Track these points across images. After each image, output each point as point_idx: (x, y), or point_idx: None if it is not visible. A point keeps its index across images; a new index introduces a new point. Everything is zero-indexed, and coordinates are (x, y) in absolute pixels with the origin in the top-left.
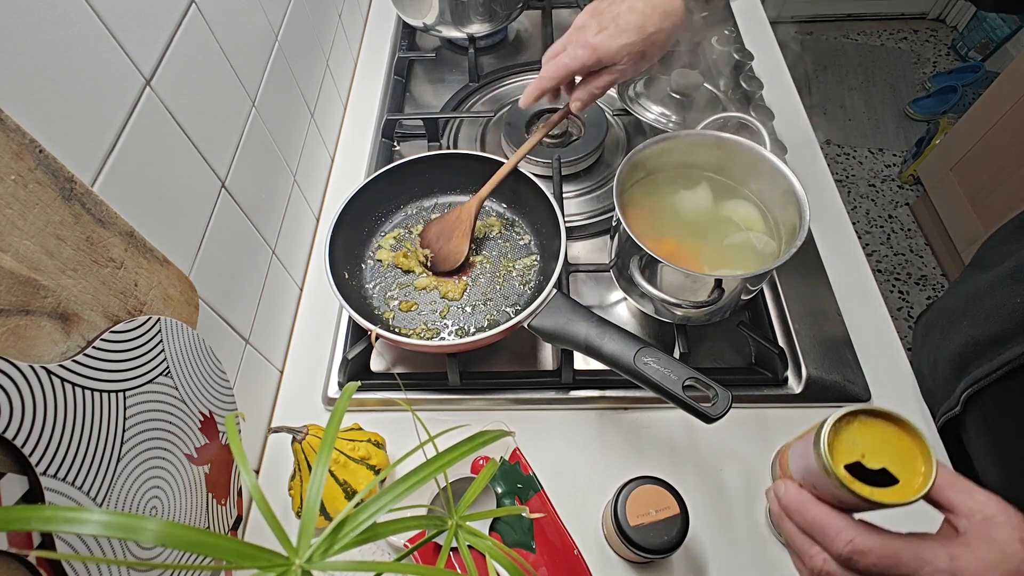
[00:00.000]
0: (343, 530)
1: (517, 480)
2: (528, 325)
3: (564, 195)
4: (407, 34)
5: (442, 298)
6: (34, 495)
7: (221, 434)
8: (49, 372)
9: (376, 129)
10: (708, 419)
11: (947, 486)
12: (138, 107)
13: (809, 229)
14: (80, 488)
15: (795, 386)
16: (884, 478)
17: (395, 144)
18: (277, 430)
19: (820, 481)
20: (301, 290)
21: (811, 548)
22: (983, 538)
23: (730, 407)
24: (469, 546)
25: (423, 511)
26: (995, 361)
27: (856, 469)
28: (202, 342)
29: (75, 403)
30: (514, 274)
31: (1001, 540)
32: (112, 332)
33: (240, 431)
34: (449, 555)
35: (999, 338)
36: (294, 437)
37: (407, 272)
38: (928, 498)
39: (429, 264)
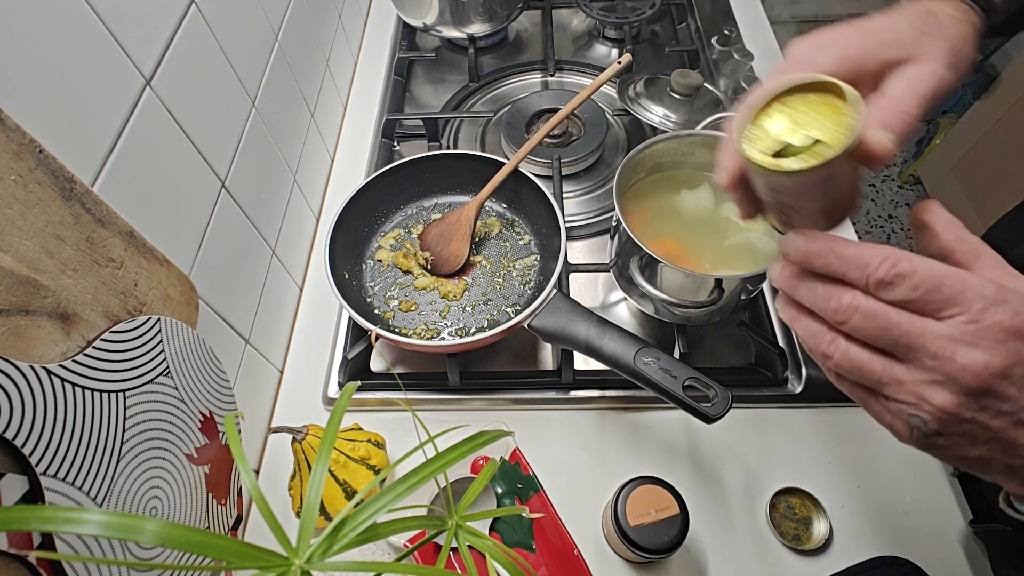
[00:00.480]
0: (343, 530)
1: (517, 480)
2: (528, 325)
3: (564, 195)
4: (407, 34)
5: (442, 298)
6: (34, 495)
7: (221, 434)
8: (49, 372)
9: (376, 129)
10: (708, 419)
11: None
12: (138, 107)
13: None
14: (80, 488)
15: (795, 386)
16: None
17: (395, 144)
18: (277, 430)
19: (758, 184)
20: (301, 290)
21: (839, 290)
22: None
23: (730, 407)
24: (469, 546)
25: (423, 511)
26: None
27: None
28: (202, 342)
29: (75, 403)
30: (514, 274)
31: None
32: (112, 332)
33: (240, 431)
34: (449, 555)
35: None
36: (294, 437)
37: (407, 272)
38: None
39: (429, 267)
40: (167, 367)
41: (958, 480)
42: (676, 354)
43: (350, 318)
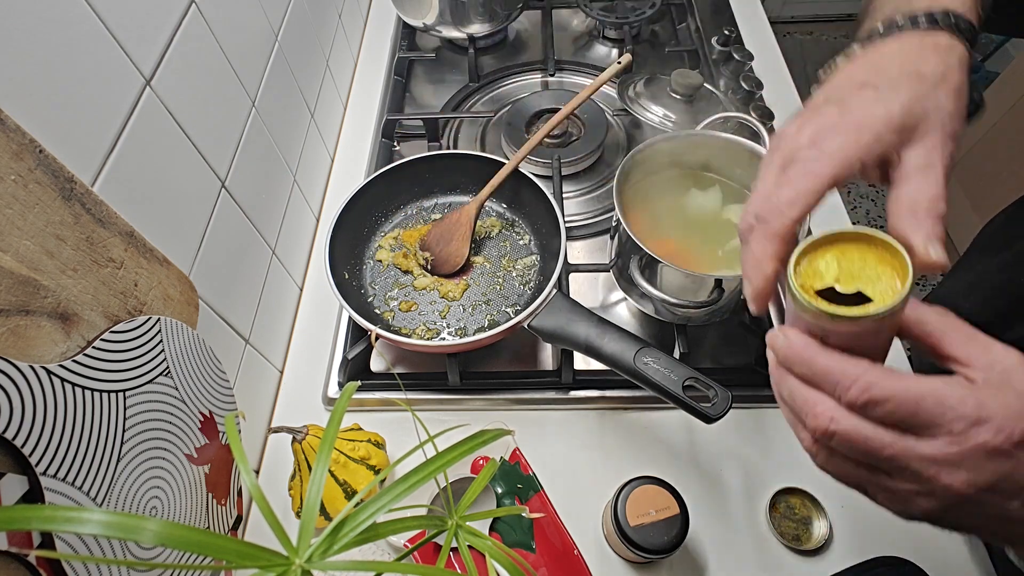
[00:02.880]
0: (343, 530)
1: (517, 480)
2: (528, 325)
3: (564, 195)
4: (407, 34)
5: (442, 298)
6: (34, 495)
7: (221, 434)
8: (49, 372)
9: (376, 129)
10: (708, 419)
11: (965, 340)
12: (138, 107)
13: (809, 229)
14: (80, 488)
15: None
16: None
17: (395, 144)
18: (277, 430)
19: (794, 316)
20: (301, 290)
21: (816, 403)
22: (1007, 386)
23: (730, 407)
24: (469, 546)
25: (423, 511)
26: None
27: (831, 296)
28: (202, 342)
29: (75, 403)
30: (514, 274)
31: None
32: (112, 332)
33: (240, 431)
34: (449, 555)
35: (1004, 318)
36: (294, 437)
37: (407, 272)
38: (944, 355)
39: (429, 267)
40: (167, 367)
41: None
42: (676, 354)
43: (350, 318)
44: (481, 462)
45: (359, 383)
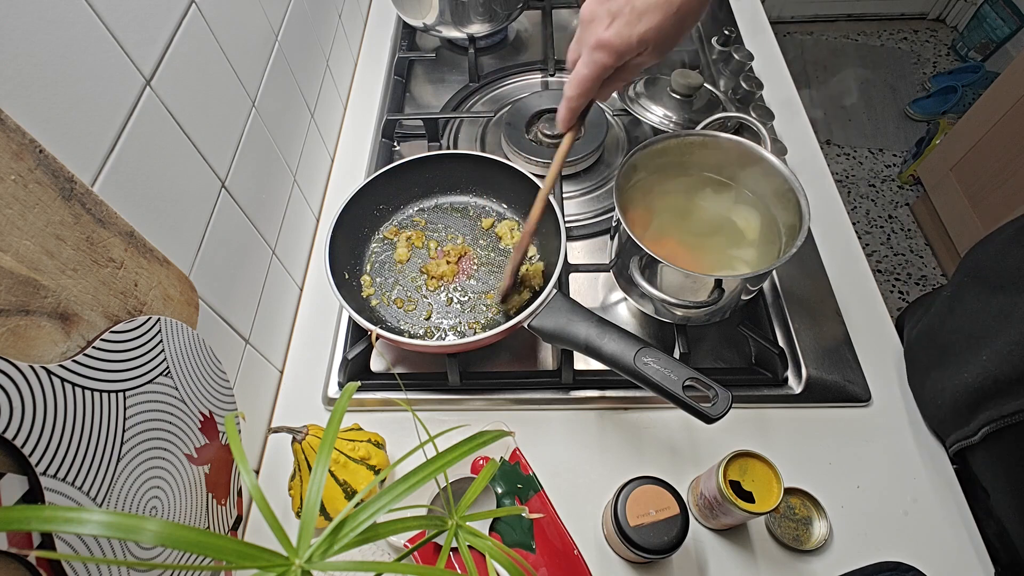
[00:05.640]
0: (343, 530)
1: (517, 480)
2: (528, 325)
3: (564, 195)
4: (407, 34)
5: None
6: (34, 495)
7: (221, 434)
8: (49, 372)
9: (376, 129)
10: (708, 419)
11: None
12: (138, 107)
13: (809, 229)
14: (80, 488)
15: (795, 386)
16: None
17: (395, 144)
18: (277, 430)
19: (716, 495)
20: (301, 290)
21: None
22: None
23: (730, 407)
24: (469, 546)
25: (423, 511)
26: (1021, 401)
27: (737, 487)
28: (202, 342)
29: (75, 403)
30: None
31: None
32: (112, 332)
33: (240, 431)
34: (449, 555)
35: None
36: (294, 437)
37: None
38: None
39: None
40: (167, 367)
41: (977, 525)
42: (676, 354)
43: (350, 318)
44: (481, 462)
45: (359, 383)
